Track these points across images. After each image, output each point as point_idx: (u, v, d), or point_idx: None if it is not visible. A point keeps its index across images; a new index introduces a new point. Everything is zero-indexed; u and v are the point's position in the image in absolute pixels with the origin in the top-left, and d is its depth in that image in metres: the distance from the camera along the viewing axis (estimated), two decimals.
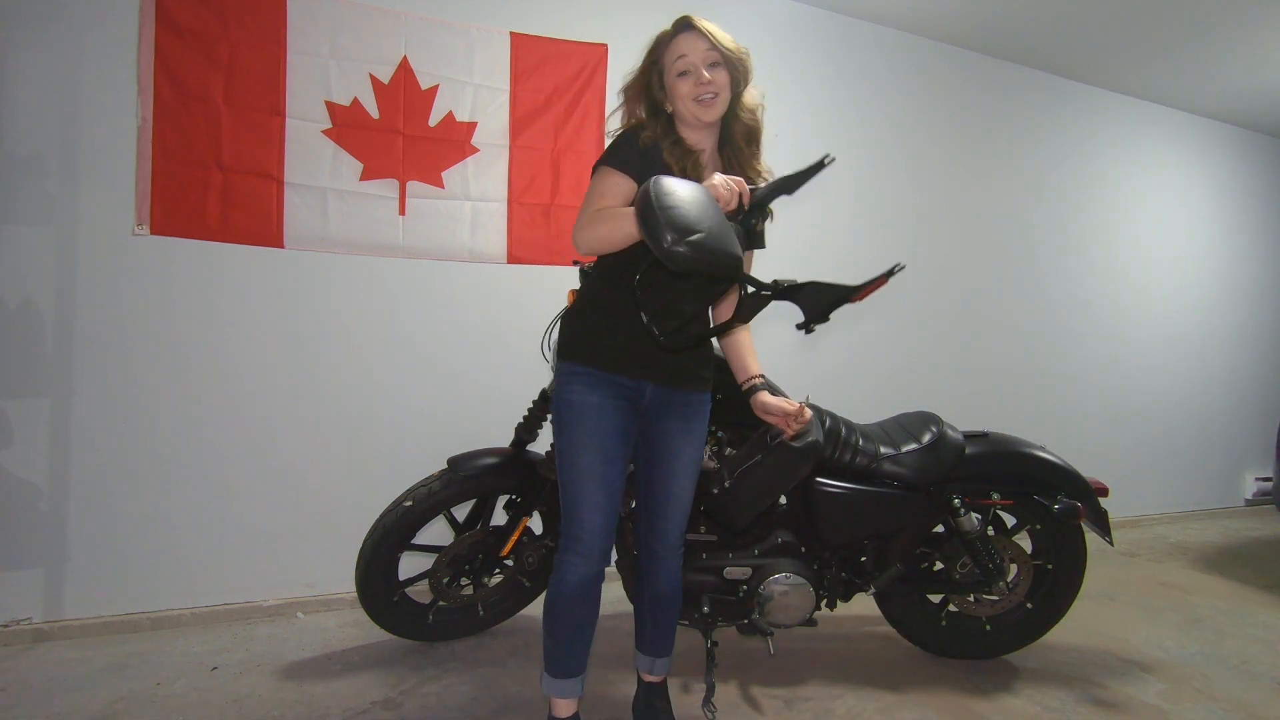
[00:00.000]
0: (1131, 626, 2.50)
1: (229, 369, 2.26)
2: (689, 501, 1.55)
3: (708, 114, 1.41)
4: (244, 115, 2.21)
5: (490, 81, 2.52)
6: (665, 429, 1.49)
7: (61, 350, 2.09)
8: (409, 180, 2.43)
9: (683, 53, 1.40)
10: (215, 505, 2.26)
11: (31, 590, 2.08)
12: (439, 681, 1.91)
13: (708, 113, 1.40)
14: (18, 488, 2.06)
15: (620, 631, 2.24)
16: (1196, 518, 4.24)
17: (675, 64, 1.41)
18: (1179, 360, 4.26)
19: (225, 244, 2.21)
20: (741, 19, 2.94)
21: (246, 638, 2.15)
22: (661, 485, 1.51)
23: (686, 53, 1.39)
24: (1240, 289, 4.50)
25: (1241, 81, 3.78)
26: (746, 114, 1.48)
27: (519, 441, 2.08)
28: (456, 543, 2.05)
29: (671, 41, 1.42)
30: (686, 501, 1.54)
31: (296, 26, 2.26)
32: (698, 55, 1.39)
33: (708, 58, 1.39)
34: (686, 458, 1.51)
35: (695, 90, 1.39)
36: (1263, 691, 2.05)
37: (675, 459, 1.50)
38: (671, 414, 1.49)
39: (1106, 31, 3.29)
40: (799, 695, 1.92)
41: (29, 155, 2.04)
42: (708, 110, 1.40)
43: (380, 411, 2.46)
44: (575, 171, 2.65)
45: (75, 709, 1.71)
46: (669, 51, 1.43)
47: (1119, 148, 4.00)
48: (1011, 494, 2.03)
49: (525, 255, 2.59)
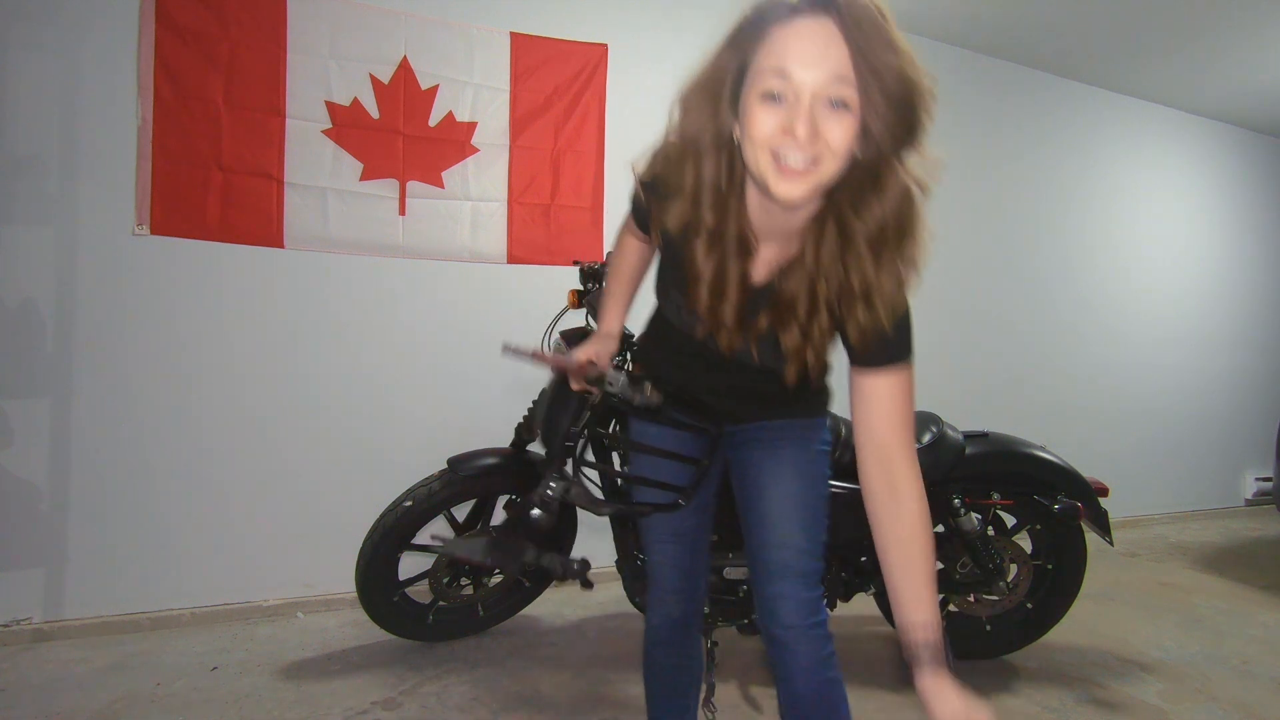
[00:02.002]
0: (1131, 626, 2.50)
1: (229, 369, 2.26)
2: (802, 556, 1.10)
3: (788, 189, 0.77)
4: (244, 115, 2.21)
5: (490, 81, 2.52)
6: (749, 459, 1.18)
7: (61, 350, 2.09)
8: (409, 180, 2.42)
9: (784, 61, 0.73)
10: (215, 505, 2.26)
11: (31, 590, 2.08)
12: (439, 681, 1.91)
13: (789, 186, 0.77)
14: (18, 488, 2.06)
15: (620, 631, 2.25)
16: (1196, 518, 4.24)
17: (763, 75, 0.75)
18: (1179, 360, 4.25)
19: (225, 244, 2.22)
20: None
21: (246, 638, 2.14)
22: (755, 536, 1.14)
23: (791, 63, 0.73)
24: (1240, 289, 4.50)
25: (1241, 81, 3.78)
26: (894, 193, 0.81)
27: (519, 441, 2.08)
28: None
29: (776, 27, 0.75)
30: (793, 558, 1.10)
31: (296, 26, 2.26)
32: (813, 73, 0.73)
33: (832, 83, 0.73)
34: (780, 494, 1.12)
35: (779, 139, 0.75)
36: (1263, 691, 2.05)
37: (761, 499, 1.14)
38: (750, 442, 1.18)
39: (1106, 31, 3.29)
40: None
41: (29, 155, 2.04)
42: (791, 183, 0.77)
43: (380, 411, 2.45)
44: (575, 171, 2.65)
45: (75, 709, 1.71)
46: (766, 45, 0.76)
47: (1119, 148, 4.00)
48: (1011, 494, 2.03)
49: (525, 255, 2.59)
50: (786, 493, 1.12)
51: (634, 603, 1.94)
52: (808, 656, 1.09)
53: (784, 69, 0.74)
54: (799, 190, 0.77)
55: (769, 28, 0.76)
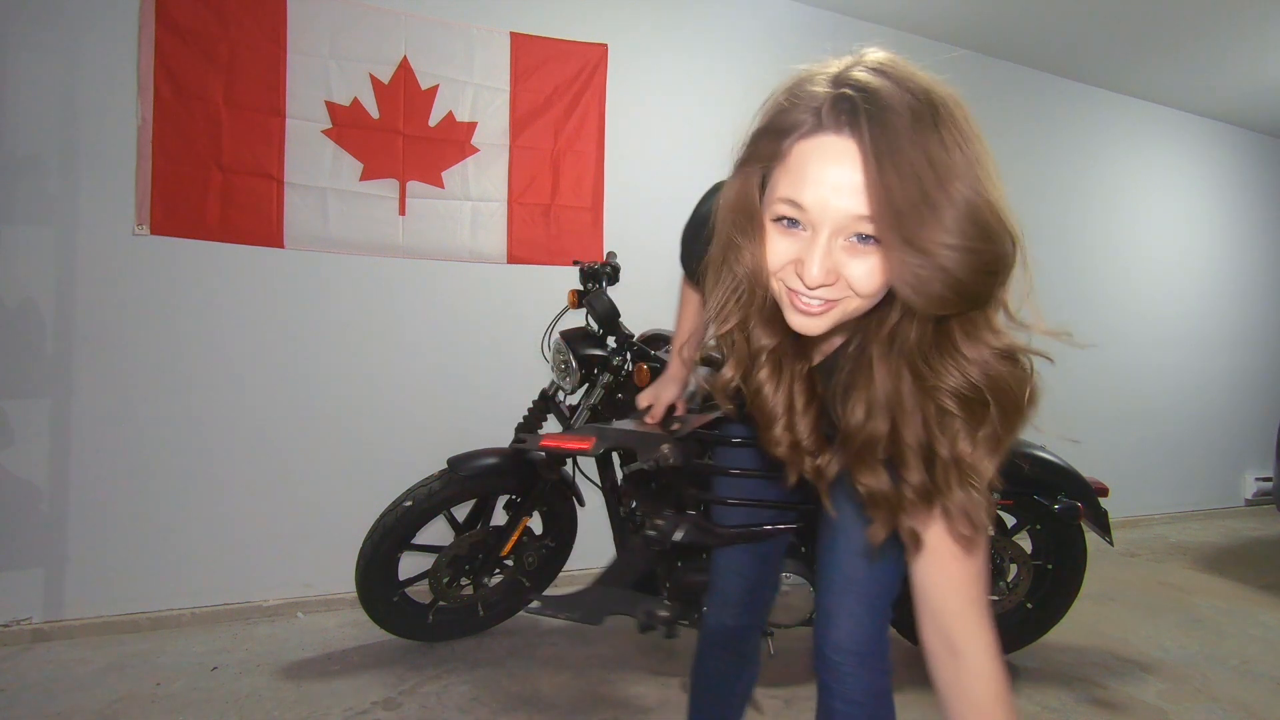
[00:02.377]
0: (1131, 626, 2.50)
1: (229, 369, 2.26)
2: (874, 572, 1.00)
3: (803, 324, 0.69)
4: (244, 115, 2.21)
5: (490, 81, 2.52)
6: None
7: (61, 350, 2.09)
8: (409, 180, 2.42)
9: (799, 190, 0.63)
10: (215, 505, 2.26)
11: (31, 590, 2.08)
12: (439, 681, 1.91)
13: (804, 322, 0.69)
14: (18, 488, 2.06)
15: (620, 632, 2.24)
16: (1196, 518, 4.24)
17: (775, 201, 0.65)
18: (1179, 360, 4.25)
19: (225, 244, 2.21)
20: (741, 19, 2.94)
21: (246, 638, 2.14)
22: (827, 549, 1.05)
23: (806, 193, 0.62)
24: (1240, 289, 4.50)
25: (1241, 81, 3.78)
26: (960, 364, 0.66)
27: (519, 441, 2.08)
28: (456, 543, 2.05)
29: (797, 141, 0.63)
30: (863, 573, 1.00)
31: (296, 26, 2.26)
32: (832, 206, 0.61)
33: (850, 218, 0.61)
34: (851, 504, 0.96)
35: (791, 274, 0.67)
36: (1263, 691, 2.05)
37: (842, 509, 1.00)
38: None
39: (1106, 31, 3.29)
40: (799, 695, 1.92)
41: (29, 155, 2.04)
42: (806, 320, 0.68)
43: (380, 411, 2.45)
44: (575, 171, 2.65)
45: (75, 709, 1.71)
46: (784, 163, 0.65)
47: (1119, 148, 4.00)
48: (1011, 494, 2.03)
49: (525, 255, 2.59)
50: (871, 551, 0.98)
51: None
52: (857, 689, 0.98)
53: (798, 199, 0.62)
54: (816, 326, 0.68)
55: (789, 141, 0.63)
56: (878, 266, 0.62)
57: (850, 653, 0.99)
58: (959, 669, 0.72)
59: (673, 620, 1.67)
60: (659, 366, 1.85)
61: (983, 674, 0.71)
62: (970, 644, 0.72)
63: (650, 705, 1.84)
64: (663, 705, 1.84)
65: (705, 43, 2.88)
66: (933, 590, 0.75)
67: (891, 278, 0.62)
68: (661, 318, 2.03)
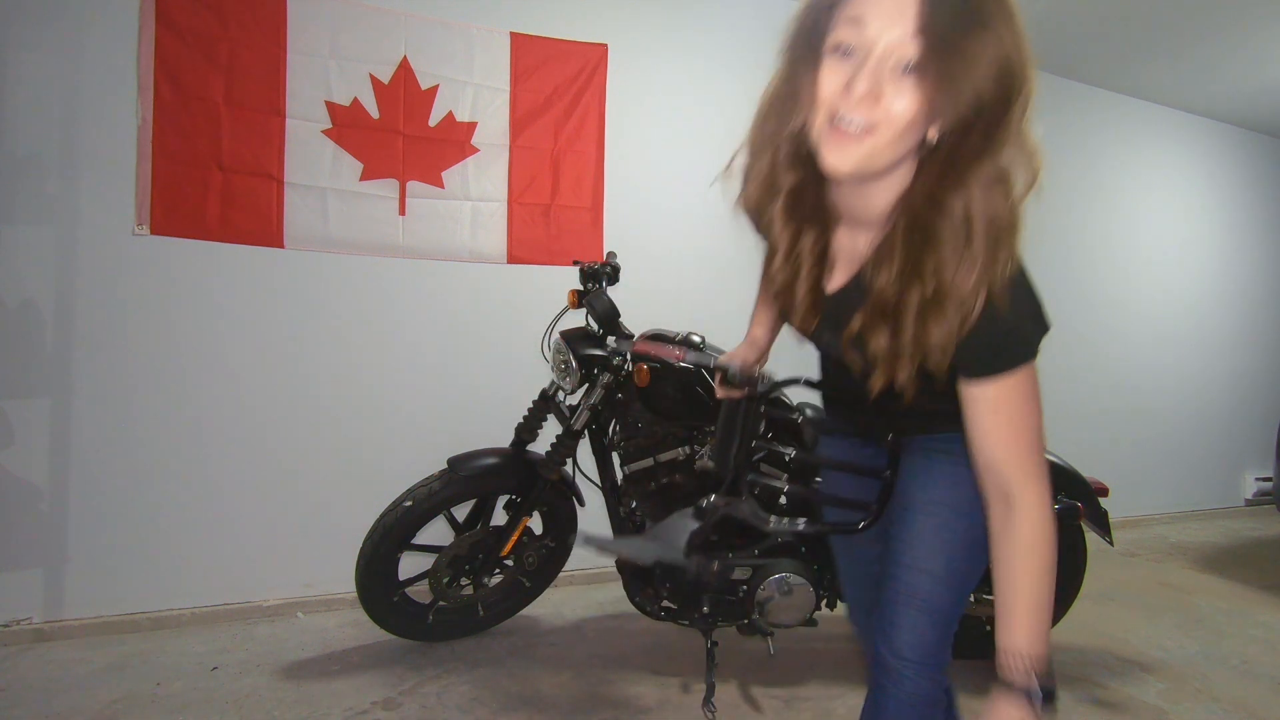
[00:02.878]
0: (1131, 626, 2.50)
1: (229, 369, 2.26)
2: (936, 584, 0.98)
3: (836, 158, 0.72)
4: (244, 115, 2.21)
5: (490, 81, 2.52)
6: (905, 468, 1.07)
7: (61, 350, 2.09)
8: (409, 180, 2.43)
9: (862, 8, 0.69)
10: (215, 505, 2.26)
11: (31, 590, 2.08)
12: (439, 681, 1.91)
13: (837, 155, 0.72)
14: (18, 488, 2.06)
15: (620, 632, 2.25)
16: (1196, 518, 4.24)
17: (839, 23, 0.70)
18: (1179, 360, 4.25)
19: (225, 244, 2.21)
20: (742, 19, 2.94)
21: (246, 638, 2.14)
22: (890, 559, 1.03)
23: (869, 10, 0.68)
24: (1240, 289, 4.50)
25: (1241, 81, 3.78)
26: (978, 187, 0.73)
27: (519, 442, 2.09)
28: (456, 543, 2.05)
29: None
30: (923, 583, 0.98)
31: (296, 26, 2.26)
32: (889, 26, 0.67)
33: (902, 41, 0.67)
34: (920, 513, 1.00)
35: (838, 99, 0.70)
36: (1263, 691, 2.05)
37: (907, 511, 1.02)
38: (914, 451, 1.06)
39: (1106, 31, 3.29)
40: (799, 695, 1.92)
41: (29, 155, 2.04)
42: (839, 150, 0.71)
43: (380, 411, 2.45)
44: (575, 171, 2.65)
45: (75, 709, 1.71)
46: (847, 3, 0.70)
47: (1119, 148, 4.00)
48: None
49: (525, 255, 2.59)
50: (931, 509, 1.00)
51: (634, 602, 1.93)
52: (916, 692, 0.97)
53: (860, 16, 0.69)
54: (847, 161, 0.71)
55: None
56: (917, 101, 0.69)
57: (911, 661, 0.98)
58: (1009, 515, 0.81)
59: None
60: (659, 366, 1.85)
61: (1029, 519, 0.80)
62: (1021, 493, 0.80)
63: (650, 705, 1.84)
64: (663, 705, 1.84)
65: (705, 43, 2.88)
66: (982, 442, 0.83)
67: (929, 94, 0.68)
68: (662, 317, 2.03)
